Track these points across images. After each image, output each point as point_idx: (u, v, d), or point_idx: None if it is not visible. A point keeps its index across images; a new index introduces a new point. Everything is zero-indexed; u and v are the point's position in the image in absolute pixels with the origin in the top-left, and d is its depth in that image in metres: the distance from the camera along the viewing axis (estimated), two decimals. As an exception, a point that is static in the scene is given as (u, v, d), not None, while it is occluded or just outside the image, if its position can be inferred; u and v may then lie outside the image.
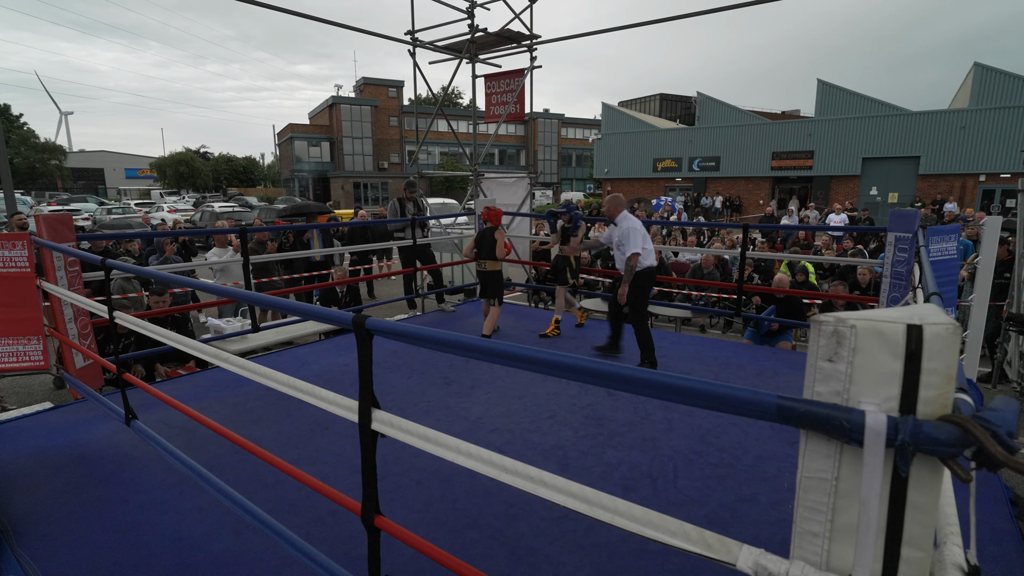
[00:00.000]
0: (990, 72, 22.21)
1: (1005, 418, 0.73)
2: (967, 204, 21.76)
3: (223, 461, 3.02)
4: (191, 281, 2.43)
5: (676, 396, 0.97)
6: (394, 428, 1.46)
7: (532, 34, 8.12)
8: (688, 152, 29.84)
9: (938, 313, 0.81)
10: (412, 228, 6.55)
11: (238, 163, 49.37)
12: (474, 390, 4.17)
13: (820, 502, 0.86)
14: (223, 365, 1.96)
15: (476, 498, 2.70)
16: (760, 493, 2.81)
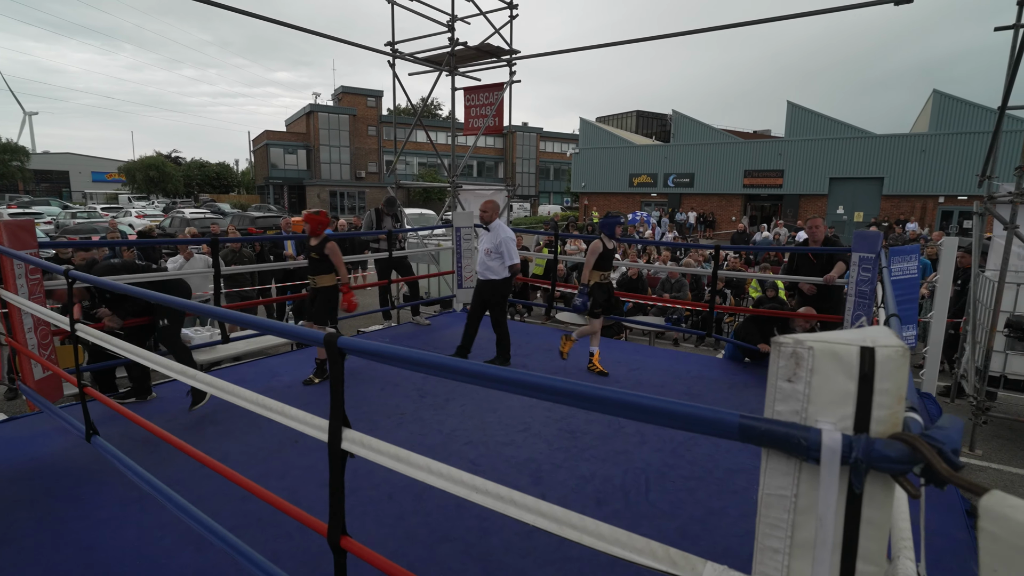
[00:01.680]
0: (948, 99, 23.28)
1: (950, 436, 0.76)
2: (928, 224, 22.64)
3: (187, 476, 2.94)
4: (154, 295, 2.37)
5: (643, 416, 0.99)
6: (365, 448, 1.45)
7: (512, 49, 8.22)
8: (663, 168, 30.44)
9: (889, 336, 0.85)
10: (389, 240, 6.51)
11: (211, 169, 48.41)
12: (448, 402, 4.14)
13: (780, 518, 0.88)
14: (188, 382, 1.91)
15: (448, 512, 2.68)
16: (730, 506, 2.86)
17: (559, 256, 7.54)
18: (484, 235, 4.86)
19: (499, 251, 4.80)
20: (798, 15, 5.88)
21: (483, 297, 4.89)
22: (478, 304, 4.93)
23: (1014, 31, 5.12)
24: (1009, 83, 5.17)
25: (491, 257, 4.79)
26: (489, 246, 4.80)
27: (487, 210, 4.85)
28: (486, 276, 4.83)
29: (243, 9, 6.05)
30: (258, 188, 45.80)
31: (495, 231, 4.83)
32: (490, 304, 4.88)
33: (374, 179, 42.11)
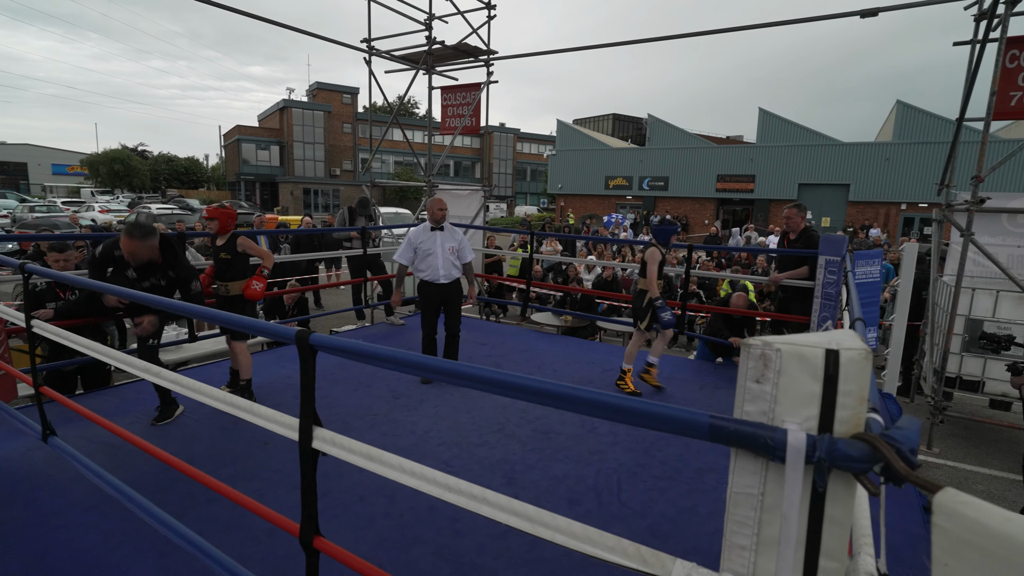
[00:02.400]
0: (911, 110, 24.16)
1: (908, 436, 0.79)
2: (891, 230, 23.45)
3: (150, 479, 2.85)
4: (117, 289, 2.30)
5: (616, 415, 1.00)
6: (336, 446, 1.43)
7: (489, 49, 8.21)
8: (639, 171, 30.83)
9: (854, 338, 0.88)
10: (363, 238, 6.43)
11: (179, 163, 47.05)
12: (422, 403, 4.12)
13: (747, 516, 0.90)
14: (152, 379, 1.86)
15: (421, 514, 2.66)
16: (700, 504, 2.91)
17: (534, 256, 7.57)
18: (439, 235, 4.70)
19: (460, 250, 4.76)
20: (769, 24, 6.03)
21: (446, 297, 4.73)
22: (437, 306, 4.76)
23: (971, 46, 5.35)
24: (966, 96, 5.40)
25: (454, 256, 4.71)
26: (452, 244, 4.71)
27: (439, 207, 4.71)
28: (452, 276, 4.72)
29: (215, 1, 5.91)
30: (229, 184, 44.76)
31: (449, 230, 4.77)
32: (452, 305, 4.76)
33: (349, 177, 41.58)
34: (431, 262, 4.62)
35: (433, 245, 4.63)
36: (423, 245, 4.64)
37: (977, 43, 5.29)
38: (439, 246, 4.63)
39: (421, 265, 4.67)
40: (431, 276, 4.64)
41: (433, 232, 4.67)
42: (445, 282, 4.67)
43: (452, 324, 4.78)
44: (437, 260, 4.62)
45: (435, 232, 4.67)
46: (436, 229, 4.69)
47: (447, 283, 4.68)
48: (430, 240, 4.64)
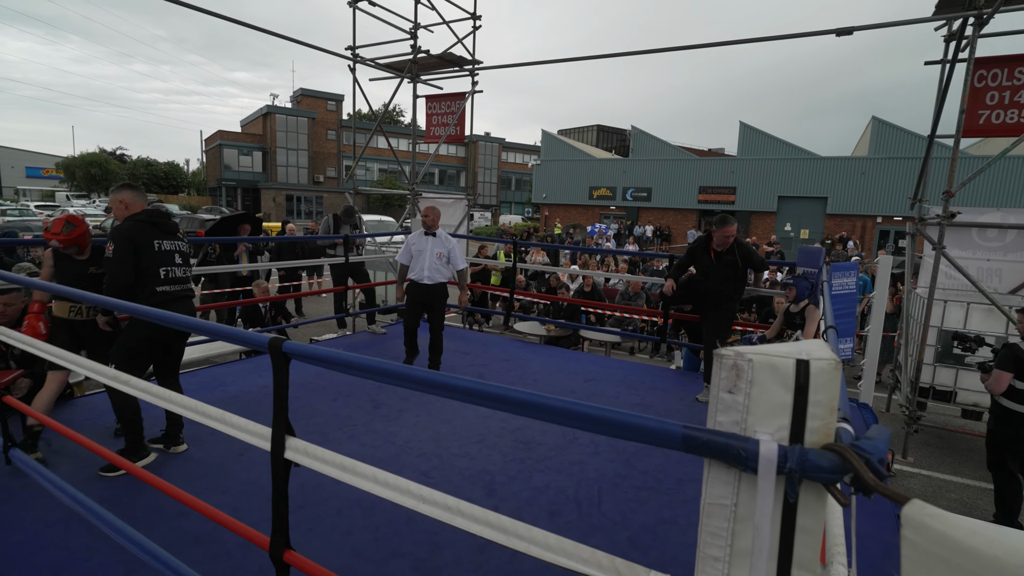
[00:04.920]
0: (886, 126, 24.82)
1: (877, 446, 0.80)
2: (867, 243, 23.97)
3: (119, 492, 2.77)
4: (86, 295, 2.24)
5: (593, 426, 0.99)
6: (309, 457, 1.40)
7: (474, 59, 8.25)
8: (622, 182, 31.14)
9: (824, 349, 0.89)
10: (345, 246, 6.38)
11: (159, 168, 46.29)
12: (402, 413, 4.07)
13: (721, 527, 0.90)
14: (121, 387, 1.81)
15: (399, 527, 2.62)
16: (679, 515, 2.91)
17: (518, 265, 7.57)
18: (431, 240, 4.96)
19: (449, 256, 5.02)
20: (750, 40, 6.16)
21: (427, 298, 4.97)
22: (419, 305, 5.01)
23: (942, 66, 5.52)
24: (937, 113, 5.56)
25: (441, 261, 4.98)
26: (441, 250, 4.97)
27: (429, 215, 4.98)
28: (435, 279, 4.95)
29: (199, 6, 5.86)
30: (210, 190, 44.15)
31: (441, 237, 5.01)
32: (434, 306, 5.02)
33: (332, 184, 41.31)
34: (418, 262, 4.95)
35: (423, 248, 4.95)
36: (415, 247, 4.99)
37: (947, 63, 5.47)
38: (428, 249, 4.95)
39: (411, 265, 5.02)
40: (416, 276, 4.96)
41: (425, 236, 4.99)
42: (428, 283, 4.94)
43: (434, 323, 5.06)
44: (424, 262, 4.92)
45: (427, 237, 4.99)
46: (429, 234, 4.99)
47: (430, 284, 4.94)
48: (421, 243, 4.98)
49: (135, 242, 2.99)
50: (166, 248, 3.15)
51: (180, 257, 3.23)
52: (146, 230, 3.07)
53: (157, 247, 3.09)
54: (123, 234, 2.99)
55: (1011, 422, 3.93)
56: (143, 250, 3.02)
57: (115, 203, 3.18)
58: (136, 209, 3.16)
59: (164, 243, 3.14)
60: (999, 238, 5.68)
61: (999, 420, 4.00)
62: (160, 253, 3.10)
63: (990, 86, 5.04)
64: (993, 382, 3.91)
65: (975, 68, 4.89)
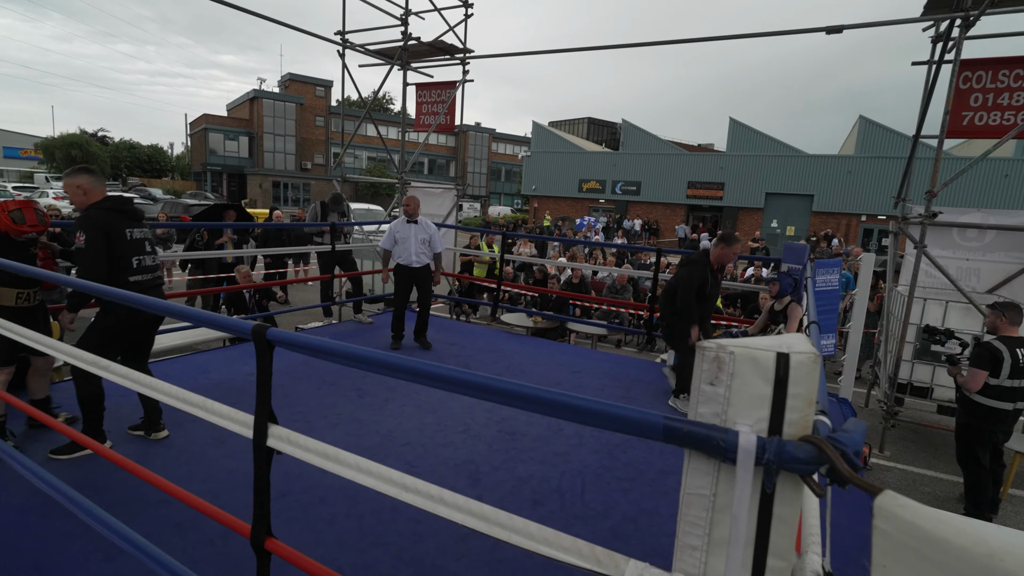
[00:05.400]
0: (872, 125, 25.09)
1: (853, 439, 0.81)
2: (851, 241, 24.29)
3: (98, 479, 2.74)
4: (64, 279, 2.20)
5: (576, 416, 1.00)
6: (291, 445, 1.39)
7: (465, 48, 8.18)
8: (612, 175, 31.16)
9: (804, 343, 0.90)
10: (332, 234, 6.32)
11: (142, 151, 45.31)
12: (388, 403, 4.07)
13: (700, 517, 0.91)
14: (101, 374, 1.78)
15: (382, 515, 2.63)
16: (661, 506, 2.95)
17: (506, 256, 7.57)
18: (413, 227, 5.47)
19: (431, 240, 5.55)
20: (741, 36, 6.17)
21: (415, 279, 5.51)
22: (408, 286, 5.54)
23: (928, 67, 5.58)
24: (922, 114, 5.63)
25: (425, 245, 5.51)
26: (424, 236, 5.50)
27: (411, 204, 5.51)
28: (423, 262, 5.51)
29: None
30: (194, 174, 43.43)
31: (423, 224, 5.52)
32: (421, 286, 5.58)
33: (320, 171, 40.85)
34: (405, 247, 5.43)
35: (408, 234, 5.43)
36: (400, 234, 5.45)
37: (933, 64, 5.53)
38: (412, 236, 5.44)
39: (397, 250, 5.48)
40: (404, 260, 5.45)
41: (409, 224, 5.45)
42: (416, 266, 5.47)
43: (423, 299, 5.64)
44: (410, 247, 5.43)
45: (410, 224, 5.46)
46: (411, 222, 5.46)
47: (418, 267, 5.48)
48: (405, 230, 5.45)
49: (107, 231, 2.88)
50: (137, 236, 3.05)
51: (149, 245, 3.15)
52: (117, 218, 2.96)
53: (129, 236, 2.99)
54: (95, 223, 2.87)
55: (982, 416, 4.03)
56: (115, 239, 2.91)
57: (71, 188, 3.00)
58: (96, 195, 3.01)
59: (135, 231, 3.04)
60: (979, 238, 5.78)
61: (971, 414, 4.10)
62: (132, 242, 3.00)
63: (974, 88, 5.11)
64: (970, 380, 3.99)
65: (960, 69, 4.95)
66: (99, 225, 2.88)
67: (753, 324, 5.13)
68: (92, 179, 3.02)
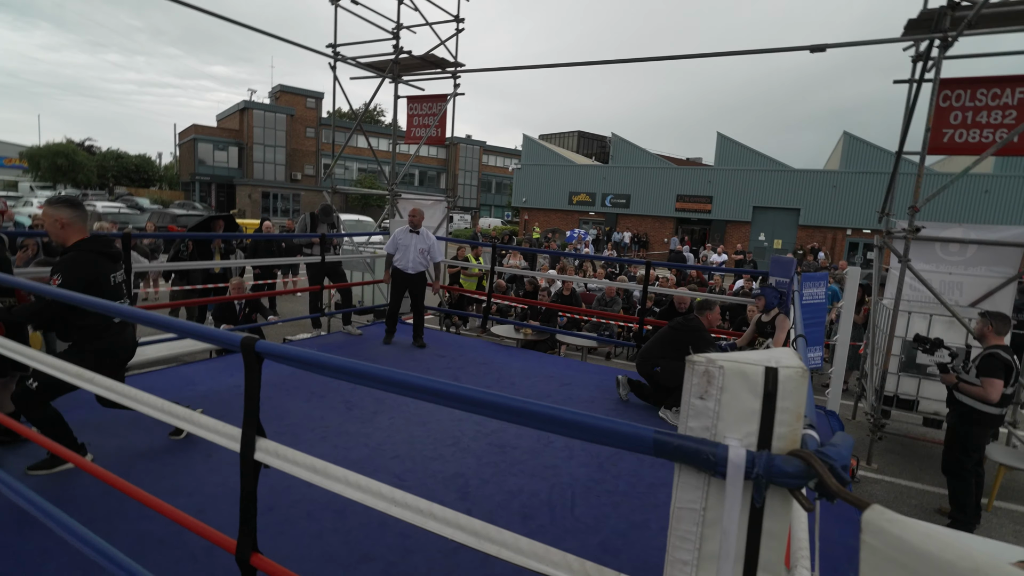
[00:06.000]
0: (856, 141, 25.58)
1: (841, 453, 0.82)
2: (837, 254, 24.63)
3: (79, 494, 2.68)
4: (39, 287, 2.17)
5: (566, 430, 1.00)
6: (279, 458, 1.38)
7: (456, 62, 8.25)
8: (602, 188, 31.40)
9: (792, 357, 0.91)
10: (322, 245, 6.30)
11: (129, 160, 44.96)
12: (376, 415, 4.03)
13: (690, 531, 0.91)
14: (83, 385, 1.75)
15: (370, 530, 2.59)
16: (651, 519, 2.94)
17: (496, 269, 7.58)
18: (415, 237, 5.90)
19: (430, 250, 5.99)
20: (728, 53, 6.30)
21: (410, 284, 5.97)
22: (402, 289, 6.03)
23: (909, 85, 5.72)
24: (904, 131, 5.76)
25: (424, 255, 5.95)
26: (423, 247, 5.93)
27: (416, 215, 5.96)
28: (418, 269, 5.94)
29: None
30: (183, 184, 43.13)
31: (424, 235, 5.96)
32: (415, 291, 6.04)
33: (310, 182, 40.76)
34: (404, 254, 5.91)
35: (409, 243, 5.91)
36: (401, 241, 5.95)
37: (914, 82, 5.66)
38: (413, 245, 5.91)
39: (397, 256, 5.95)
40: (402, 266, 5.93)
41: (410, 233, 5.94)
42: (412, 272, 5.93)
43: (417, 304, 6.15)
44: (409, 255, 5.89)
45: (412, 234, 5.94)
46: (413, 232, 5.95)
47: (413, 273, 5.93)
48: (407, 239, 5.93)
49: (90, 280, 2.76)
50: (118, 280, 2.98)
51: (125, 286, 3.08)
52: (101, 263, 2.85)
53: (112, 280, 2.91)
54: (78, 271, 2.72)
55: (985, 424, 4.10)
56: (100, 286, 2.80)
57: (49, 219, 2.81)
58: (76, 232, 2.85)
59: (117, 275, 2.96)
60: (960, 252, 5.89)
61: (974, 423, 4.13)
62: (114, 287, 2.93)
63: (954, 106, 5.24)
64: (989, 390, 4.00)
65: (940, 88, 5.08)
66: (82, 276, 2.73)
67: (741, 336, 5.17)
68: (74, 214, 2.85)
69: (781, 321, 4.68)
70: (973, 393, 4.11)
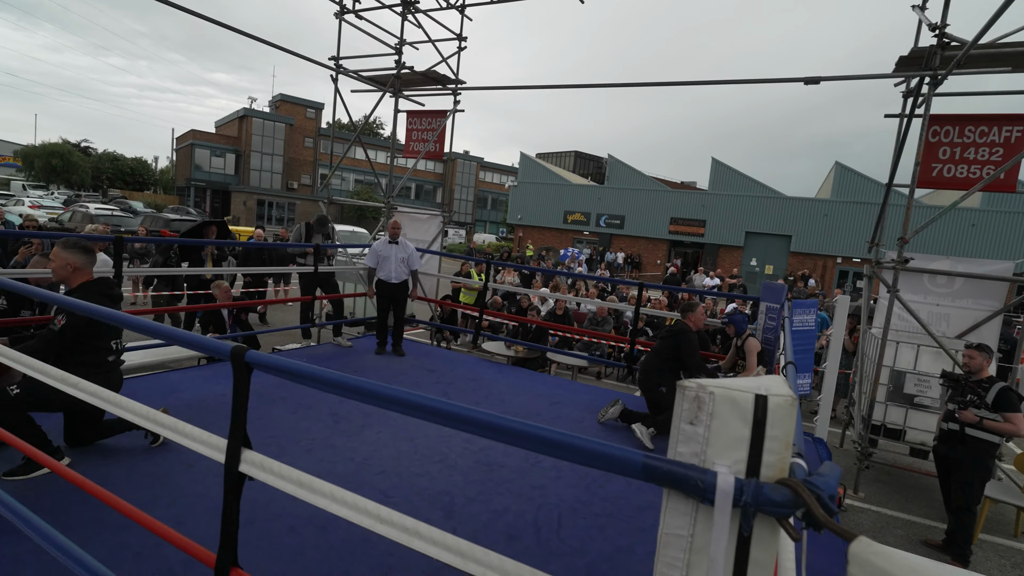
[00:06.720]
0: (848, 171, 26.00)
1: (828, 483, 0.82)
2: (827, 282, 24.87)
3: (56, 502, 2.62)
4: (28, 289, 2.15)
5: (553, 451, 1.00)
6: (264, 471, 1.36)
7: (457, 79, 8.35)
8: (596, 208, 31.63)
9: (782, 385, 0.92)
10: (316, 256, 6.29)
11: (125, 163, 44.85)
12: (364, 429, 3.99)
13: (677, 558, 0.91)
14: (63, 388, 1.73)
15: (353, 547, 2.55)
16: (637, 543, 2.91)
17: (488, 285, 7.59)
18: (394, 248, 6.12)
19: (408, 259, 6.19)
20: (725, 81, 6.42)
21: (393, 293, 6.15)
22: (388, 299, 6.18)
23: (900, 119, 5.84)
24: (895, 163, 5.87)
25: (404, 264, 6.18)
26: (403, 256, 6.16)
27: (397, 228, 6.25)
28: (400, 279, 6.17)
29: (183, 5, 5.78)
30: (178, 189, 43.02)
31: (402, 244, 6.18)
32: (398, 299, 6.23)
33: (307, 191, 40.78)
34: (385, 266, 6.10)
35: (388, 254, 6.11)
36: (382, 253, 6.13)
37: (905, 117, 5.79)
38: (393, 255, 6.12)
39: (379, 268, 6.12)
40: (384, 276, 6.12)
41: (390, 244, 6.15)
42: (395, 282, 6.13)
43: (398, 313, 6.35)
44: (391, 265, 6.10)
45: (391, 245, 6.15)
46: (392, 243, 6.15)
47: (396, 283, 6.14)
48: (387, 250, 6.12)
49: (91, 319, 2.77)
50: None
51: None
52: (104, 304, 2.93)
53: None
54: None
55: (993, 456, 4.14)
56: (99, 326, 2.89)
57: (60, 261, 2.92)
58: (85, 275, 2.97)
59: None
60: (948, 284, 5.97)
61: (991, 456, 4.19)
62: (112, 327, 2.99)
63: (943, 141, 5.36)
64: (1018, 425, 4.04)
65: (930, 124, 5.19)
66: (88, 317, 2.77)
67: (724, 360, 5.21)
68: (86, 259, 2.97)
69: (750, 346, 4.75)
70: (999, 429, 4.11)
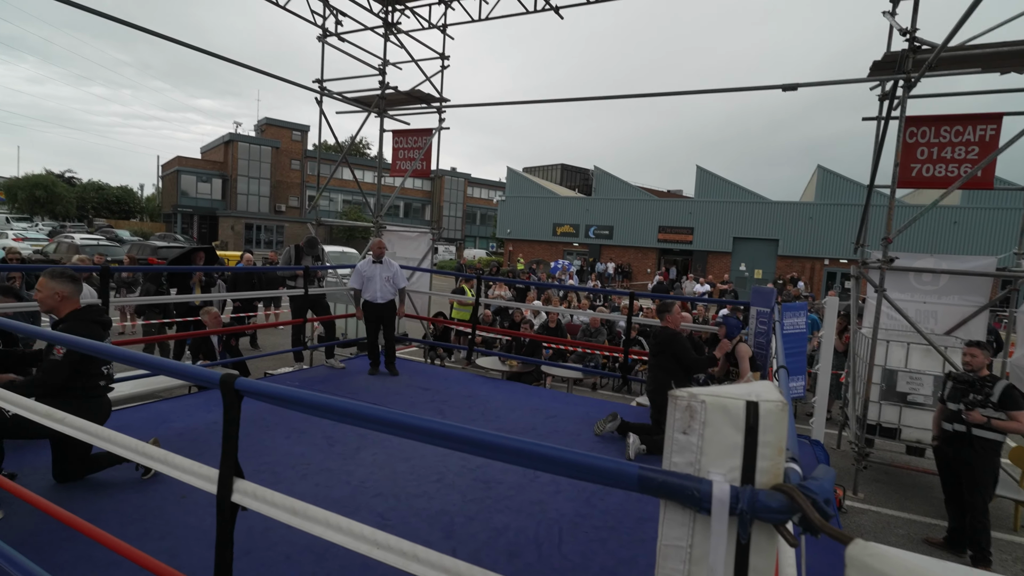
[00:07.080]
0: (830, 174, 26.42)
1: (823, 487, 0.83)
2: (816, 284, 25.12)
3: (43, 539, 2.55)
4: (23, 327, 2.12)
5: (549, 466, 0.99)
6: (257, 500, 1.34)
7: (442, 97, 8.42)
8: (585, 220, 31.85)
9: (772, 390, 0.92)
10: (306, 278, 6.27)
11: (110, 192, 44.63)
12: (359, 451, 3.94)
13: (677, 569, 0.90)
14: (49, 424, 1.69)
15: (352, 572, 2.50)
16: (639, 555, 2.89)
17: (480, 301, 7.58)
18: (378, 267, 6.04)
19: (393, 278, 6.12)
20: (705, 91, 6.53)
21: (381, 313, 6.08)
22: (376, 320, 6.12)
23: (877, 122, 5.96)
24: (875, 165, 5.97)
25: (390, 283, 6.09)
26: (388, 275, 6.09)
27: (381, 248, 6.16)
28: (387, 298, 6.08)
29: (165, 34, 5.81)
30: (164, 216, 42.80)
31: (386, 263, 6.10)
32: (387, 319, 6.15)
33: (295, 213, 40.72)
34: (370, 286, 6.02)
35: (373, 274, 6.03)
36: (366, 273, 6.05)
37: (882, 119, 5.91)
38: (377, 275, 6.04)
39: (365, 288, 6.04)
40: (370, 297, 6.04)
41: (373, 264, 6.06)
42: (381, 302, 6.05)
43: (388, 332, 6.24)
44: (376, 285, 6.01)
45: (375, 264, 6.06)
46: (376, 262, 6.06)
47: (382, 303, 6.06)
48: (371, 270, 6.05)
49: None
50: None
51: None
52: (96, 331, 2.99)
53: None
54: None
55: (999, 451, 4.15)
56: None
57: (48, 291, 2.95)
58: (72, 304, 3.01)
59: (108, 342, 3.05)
60: (933, 282, 6.05)
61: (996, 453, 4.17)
62: None
63: (920, 142, 5.47)
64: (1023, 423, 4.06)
65: (906, 125, 5.30)
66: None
67: (718, 367, 5.18)
68: (73, 288, 3.01)
69: (741, 350, 4.74)
70: (1007, 428, 4.13)
